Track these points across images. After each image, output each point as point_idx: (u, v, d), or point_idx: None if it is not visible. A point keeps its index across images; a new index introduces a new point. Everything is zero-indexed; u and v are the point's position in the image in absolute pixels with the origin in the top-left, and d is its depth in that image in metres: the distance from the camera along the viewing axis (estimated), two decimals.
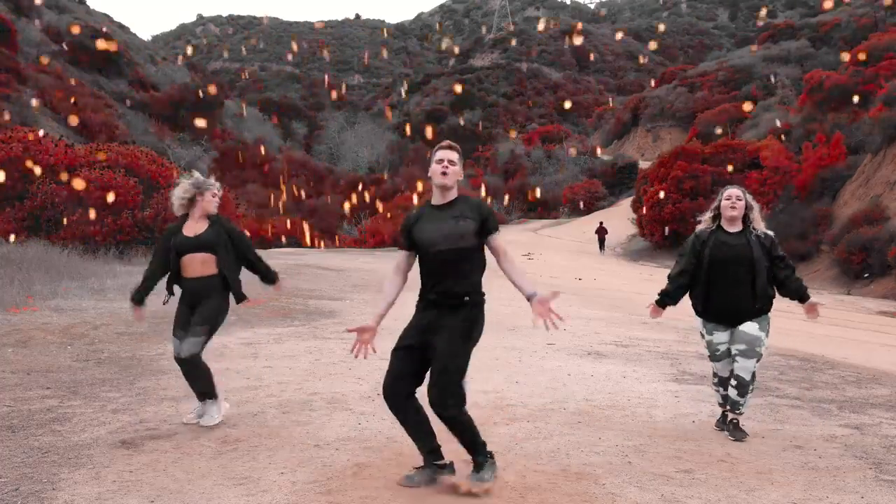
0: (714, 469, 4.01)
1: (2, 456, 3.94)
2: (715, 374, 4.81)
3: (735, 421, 4.66)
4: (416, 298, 3.74)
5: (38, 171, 14.40)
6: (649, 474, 3.89)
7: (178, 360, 4.60)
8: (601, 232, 32.16)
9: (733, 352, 4.61)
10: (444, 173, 3.65)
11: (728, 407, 4.69)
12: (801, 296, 4.60)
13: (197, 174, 4.86)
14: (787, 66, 55.15)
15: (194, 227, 4.67)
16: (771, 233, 4.67)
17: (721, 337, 4.65)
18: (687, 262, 4.69)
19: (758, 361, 4.58)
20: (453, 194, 3.71)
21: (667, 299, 4.78)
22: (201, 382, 4.62)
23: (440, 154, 3.71)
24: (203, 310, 4.59)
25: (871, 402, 5.68)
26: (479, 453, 3.64)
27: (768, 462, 4.15)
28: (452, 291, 3.61)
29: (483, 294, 3.70)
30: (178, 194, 4.71)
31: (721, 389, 4.79)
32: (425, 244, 3.64)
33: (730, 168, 29.31)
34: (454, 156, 3.71)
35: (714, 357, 4.74)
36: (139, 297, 4.71)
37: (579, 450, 4.30)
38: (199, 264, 4.61)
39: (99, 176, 14.79)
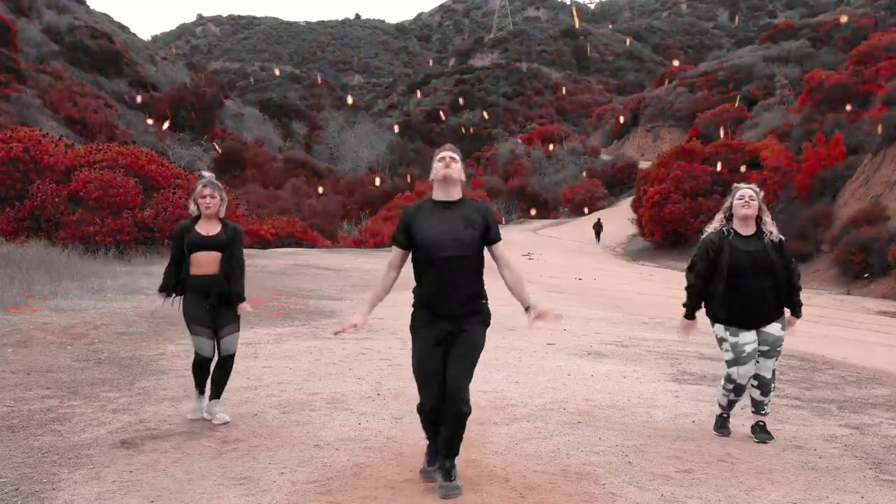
0: (714, 469, 4.01)
1: (2, 456, 3.94)
2: (731, 380, 4.52)
3: (762, 423, 4.60)
4: (408, 297, 3.64)
5: (38, 171, 14.39)
6: (649, 474, 3.89)
7: (206, 359, 4.64)
8: (598, 227, 35.87)
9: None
10: (446, 166, 3.58)
11: (752, 409, 4.63)
12: (794, 311, 4.62)
13: (207, 174, 4.85)
14: (787, 66, 55.10)
15: (207, 226, 4.71)
16: (781, 237, 4.61)
17: (748, 336, 4.49)
18: (703, 268, 4.56)
19: (776, 359, 4.59)
20: (458, 193, 3.63)
21: (693, 311, 4.65)
22: (226, 380, 4.76)
23: (441, 153, 3.69)
24: (230, 307, 4.68)
25: (871, 402, 5.68)
26: (455, 456, 3.58)
27: (768, 462, 4.15)
28: (467, 297, 3.53)
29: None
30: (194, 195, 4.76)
31: (732, 395, 4.57)
32: (430, 245, 3.49)
33: (723, 167, 29.57)
34: (456, 155, 3.70)
35: (740, 360, 4.46)
36: (165, 287, 4.74)
37: (579, 450, 4.29)
38: (213, 261, 4.66)
39: (99, 176, 14.78)
